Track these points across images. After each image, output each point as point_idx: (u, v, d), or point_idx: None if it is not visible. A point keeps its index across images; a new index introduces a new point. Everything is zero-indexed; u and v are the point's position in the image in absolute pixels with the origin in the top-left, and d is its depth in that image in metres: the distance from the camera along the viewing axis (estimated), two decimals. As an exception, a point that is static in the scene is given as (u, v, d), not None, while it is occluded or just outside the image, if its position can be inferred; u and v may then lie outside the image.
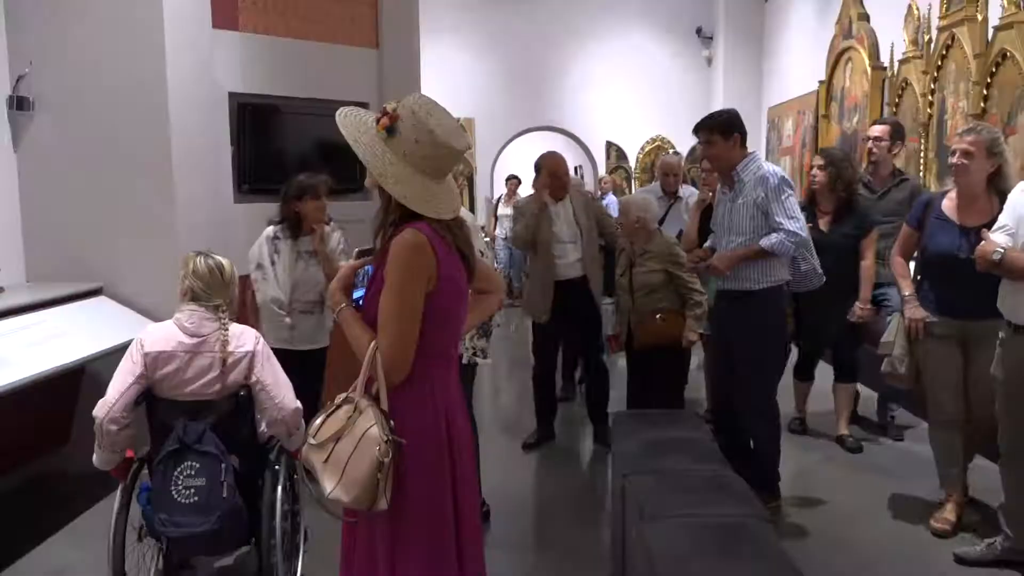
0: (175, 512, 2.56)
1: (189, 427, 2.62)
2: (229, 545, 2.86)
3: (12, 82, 4.27)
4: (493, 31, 11.09)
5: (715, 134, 3.64)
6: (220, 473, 2.57)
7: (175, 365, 2.66)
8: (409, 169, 1.86)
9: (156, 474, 2.63)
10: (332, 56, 5.08)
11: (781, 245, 3.52)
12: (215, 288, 2.74)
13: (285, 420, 2.75)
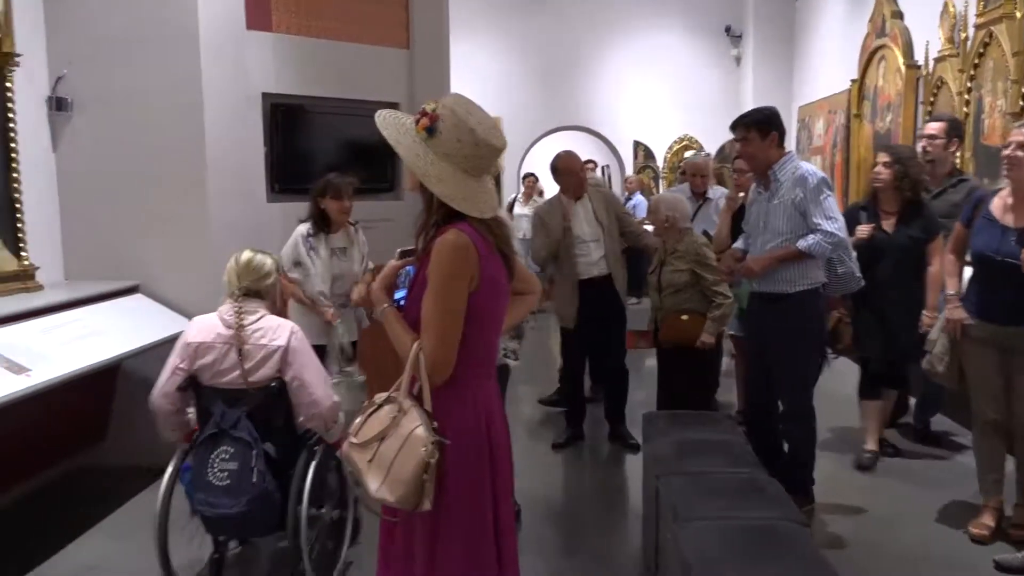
0: (210, 493, 2.72)
1: (226, 413, 2.76)
2: (260, 529, 2.95)
3: (51, 84, 4.33)
4: (521, 31, 11.09)
5: (751, 131, 3.55)
6: (251, 459, 2.71)
7: (213, 355, 2.80)
8: (450, 168, 1.87)
9: (196, 456, 2.80)
10: (363, 56, 5.12)
11: (818, 246, 3.45)
12: (246, 281, 2.86)
13: (322, 414, 2.83)
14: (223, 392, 2.80)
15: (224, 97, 4.45)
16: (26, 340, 3.39)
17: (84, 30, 4.33)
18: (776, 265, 3.53)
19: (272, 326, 2.83)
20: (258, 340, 2.79)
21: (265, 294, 2.92)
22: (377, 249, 4.65)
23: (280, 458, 2.82)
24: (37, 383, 3.15)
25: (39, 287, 4.06)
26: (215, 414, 2.78)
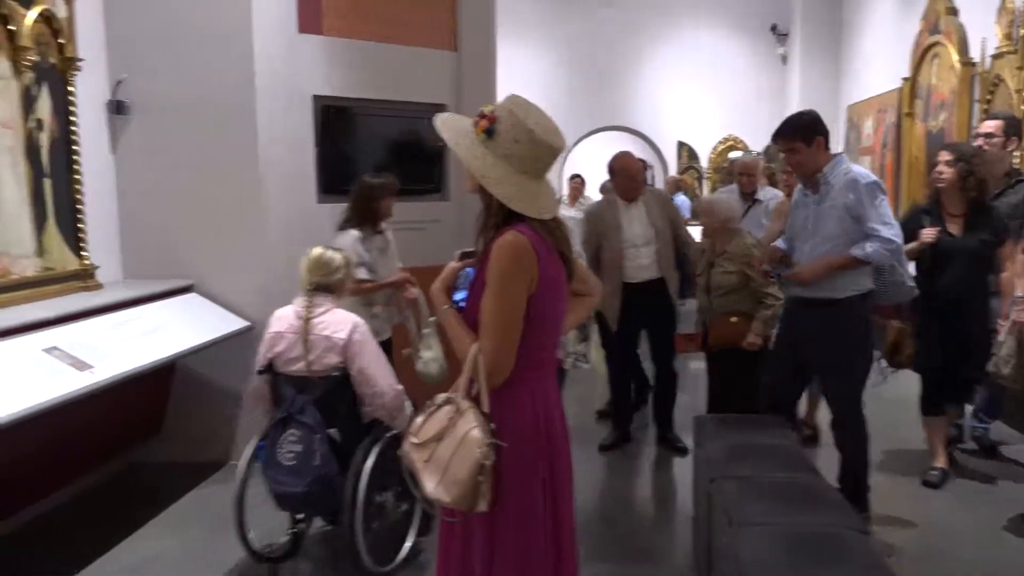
0: (278, 472, 2.99)
1: (295, 399, 3.01)
2: (322, 508, 3.17)
3: (111, 88, 4.45)
4: (564, 31, 11.07)
5: (797, 140, 3.39)
6: (315, 443, 2.94)
7: (285, 344, 3.05)
8: (510, 170, 1.88)
9: (269, 437, 3.06)
10: (412, 59, 5.15)
11: (877, 254, 3.31)
12: (315, 276, 3.07)
13: (385, 404, 3.03)
14: (293, 379, 3.05)
15: (276, 100, 4.52)
16: (87, 338, 3.48)
17: (142, 36, 4.43)
18: (830, 273, 3.40)
19: (336, 320, 3.03)
20: (321, 332, 3.00)
21: (334, 289, 3.11)
22: (423, 250, 4.71)
23: (344, 443, 3.04)
24: (99, 380, 3.23)
25: (99, 286, 4.17)
26: (286, 399, 3.04)
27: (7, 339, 3.14)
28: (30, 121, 3.79)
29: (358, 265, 4.00)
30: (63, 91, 4.02)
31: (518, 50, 10.26)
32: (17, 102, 3.70)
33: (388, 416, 3.06)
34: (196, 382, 4.57)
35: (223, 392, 4.55)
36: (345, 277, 3.17)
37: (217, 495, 4.14)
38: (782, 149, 3.52)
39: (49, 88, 3.92)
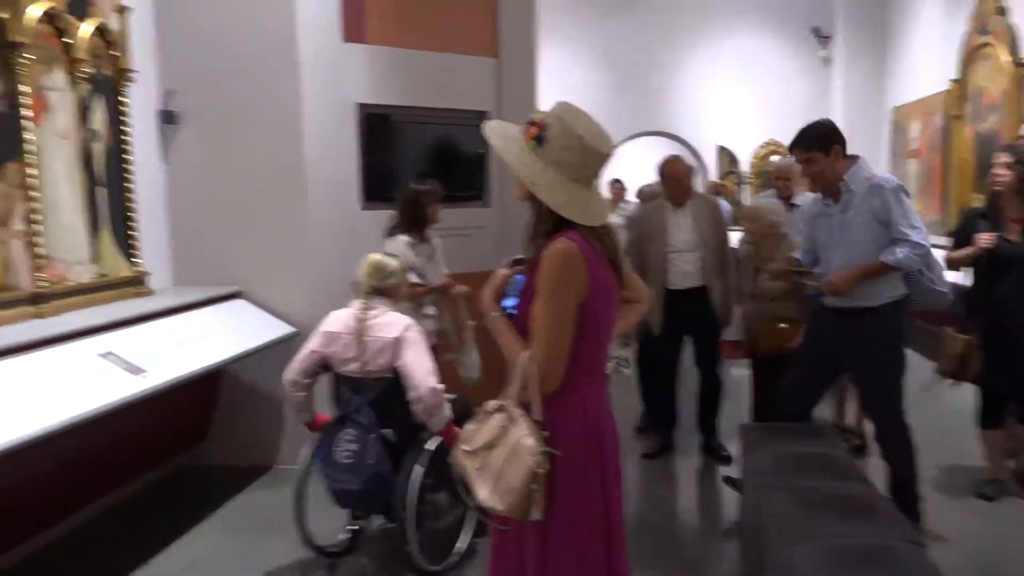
0: (335, 469, 3.12)
1: (351, 399, 3.16)
2: (376, 506, 3.30)
3: (162, 98, 4.54)
4: (602, 36, 11.05)
5: (814, 151, 3.34)
6: (369, 442, 3.07)
7: (340, 345, 3.16)
8: (560, 177, 1.87)
9: (327, 435, 3.18)
10: (454, 66, 5.18)
11: (908, 260, 3.27)
12: (372, 280, 3.21)
13: (422, 398, 3.06)
14: (349, 380, 3.18)
15: (321, 108, 4.58)
16: (140, 343, 3.55)
17: (191, 47, 4.52)
18: (861, 281, 3.34)
19: (390, 321, 3.14)
20: (375, 333, 3.12)
21: (390, 292, 3.23)
22: (466, 257, 4.73)
23: (398, 443, 3.15)
24: (153, 384, 3.29)
25: (150, 292, 4.26)
26: (343, 399, 3.19)
27: (65, 344, 3.21)
28: (85, 131, 3.89)
29: (408, 270, 4.08)
30: (116, 102, 4.11)
31: (557, 56, 10.26)
32: (73, 113, 3.80)
33: (426, 414, 3.10)
34: (242, 387, 4.64)
35: (269, 397, 4.61)
36: (400, 282, 3.31)
37: (264, 499, 4.21)
38: (799, 160, 3.48)
39: (103, 99, 4.01)
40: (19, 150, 3.41)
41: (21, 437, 2.61)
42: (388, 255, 3.33)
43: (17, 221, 3.41)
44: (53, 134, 3.65)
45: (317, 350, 3.21)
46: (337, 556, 3.47)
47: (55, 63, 3.68)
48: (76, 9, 3.78)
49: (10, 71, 3.37)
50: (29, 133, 3.44)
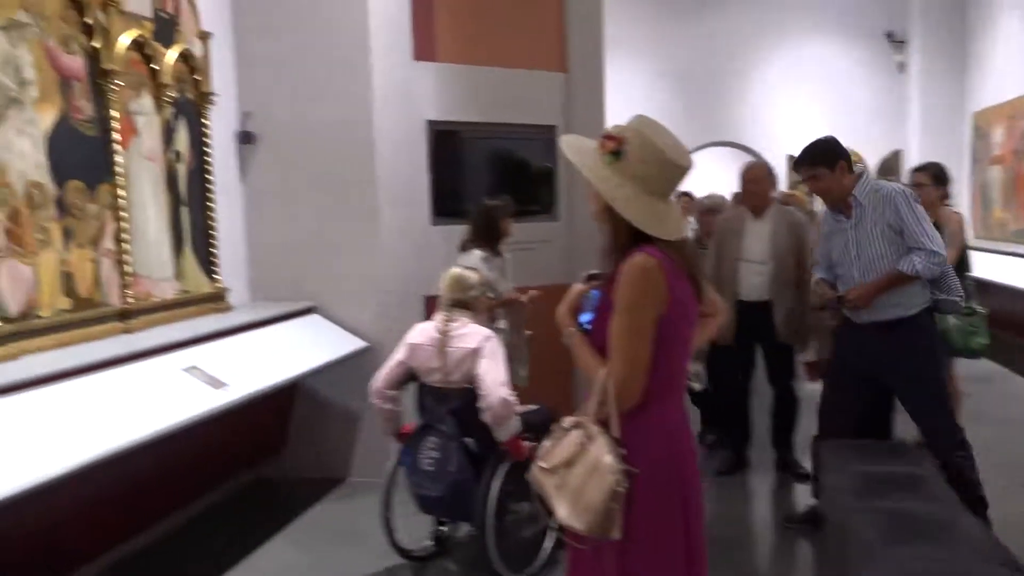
0: (419, 476, 3.26)
1: (435, 409, 3.27)
2: (458, 513, 3.40)
3: (240, 119, 4.69)
4: (668, 46, 10.98)
5: (819, 167, 3.42)
6: (451, 451, 3.18)
7: (424, 356, 3.28)
8: (638, 191, 1.86)
9: (411, 442, 3.32)
10: (522, 81, 5.21)
11: (926, 268, 3.28)
12: (453, 294, 3.32)
13: (492, 407, 3.12)
14: (432, 390, 3.29)
15: (392, 126, 4.66)
16: (220, 357, 3.66)
17: (268, 69, 4.66)
18: (880, 293, 3.35)
19: (469, 332, 3.23)
20: (456, 344, 3.22)
21: (470, 305, 3.33)
22: (533, 271, 4.74)
23: (480, 452, 3.23)
24: (233, 398, 3.39)
25: (229, 308, 4.39)
26: (427, 409, 3.31)
27: (151, 358, 3.33)
28: (170, 153, 4.04)
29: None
30: (198, 124, 4.27)
31: (622, 68, 10.22)
32: (159, 136, 3.95)
33: (494, 423, 3.15)
34: (317, 401, 4.73)
35: (342, 411, 4.70)
36: (481, 295, 3.39)
37: (339, 511, 4.28)
38: (805, 178, 3.52)
39: (186, 121, 4.17)
40: (110, 172, 3.57)
41: (111, 449, 2.72)
42: (469, 269, 3.45)
43: (107, 240, 3.56)
44: (140, 156, 3.81)
45: (402, 361, 3.34)
46: (422, 560, 3.57)
47: (142, 88, 3.84)
48: (162, 36, 3.94)
49: (102, 97, 3.53)
50: (118, 156, 3.60)
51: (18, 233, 3.10)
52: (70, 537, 3.21)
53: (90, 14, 3.43)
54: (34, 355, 3.07)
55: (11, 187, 3.08)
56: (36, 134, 3.20)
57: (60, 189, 3.31)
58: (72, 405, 2.83)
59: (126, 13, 3.67)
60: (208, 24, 4.29)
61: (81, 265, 3.41)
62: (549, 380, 4.62)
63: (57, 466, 2.51)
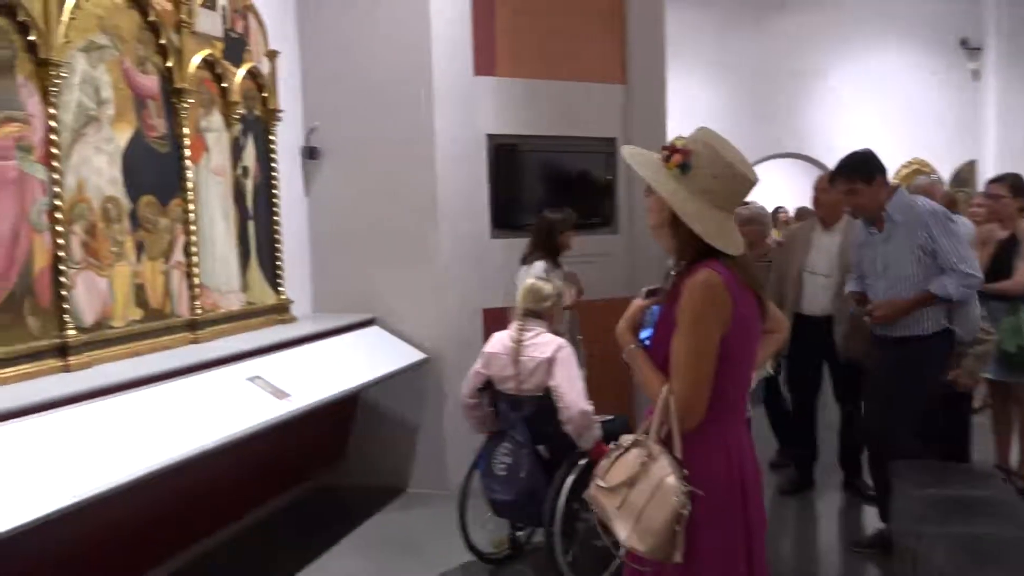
0: (492, 480, 3.37)
1: (509, 416, 3.38)
2: (528, 517, 3.48)
3: (305, 135, 4.80)
4: (731, 56, 10.81)
5: (857, 182, 3.34)
6: (522, 457, 3.27)
7: (499, 365, 3.37)
8: (706, 205, 1.83)
9: (487, 448, 3.46)
10: (582, 94, 5.20)
11: (959, 292, 3.22)
12: (527, 304, 3.40)
13: (572, 419, 3.19)
14: (507, 397, 3.39)
15: (453, 141, 4.70)
16: (284, 368, 3.72)
17: (332, 85, 4.76)
18: (908, 312, 3.31)
19: (543, 342, 3.30)
20: (530, 353, 3.29)
21: (545, 315, 3.40)
22: (593, 284, 4.71)
23: (552, 459, 3.30)
24: (296, 407, 3.45)
25: (293, 319, 4.47)
26: (502, 415, 3.42)
27: (217, 368, 3.41)
28: (238, 168, 4.15)
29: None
30: (265, 140, 4.38)
31: (683, 78, 10.11)
32: (227, 152, 4.07)
33: (575, 433, 3.22)
34: (377, 411, 4.78)
35: (401, 422, 4.74)
36: (555, 305, 3.45)
37: (397, 520, 4.31)
38: (842, 191, 3.44)
39: (253, 137, 4.28)
40: (181, 187, 3.69)
41: (180, 455, 2.79)
42: (543, 280, 3.53)
43: (178, 253, 3.67)
44: (209, 172, 3.93)
45: (480, 370, 3.46)
46: (496, 563, 3.66)
47: (212, 106, 3.96)
48: (231, 55, 4.06)
49: (174, 115, 3.65)
50: (189, 172, 3.72)
51: (94, 246, 3.23)
52: (137, 542, 3.29)
53: (165, 35, 3.56)
54: (107, 364, 3.18)
55: (88, 202, 3.21)
56: (112, 151, 3.33)
57: (134, 204, 3.43)
58: (143, 413, 2.92)
59: (198, 33, 3.79)
60: (275, 42, 4.41)
61: (152, 277, 3.53)
62: (609, 393, 4.57)
63: (127, 472, 2.59)
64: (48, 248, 3.01)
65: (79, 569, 2.97)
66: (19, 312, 2.90)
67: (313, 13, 4.78)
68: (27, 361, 2.90)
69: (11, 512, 2.22)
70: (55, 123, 3.02)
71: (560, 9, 5.12)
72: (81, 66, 3.18)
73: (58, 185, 3.03)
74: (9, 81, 2.88)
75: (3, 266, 2.84)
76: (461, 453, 4.68)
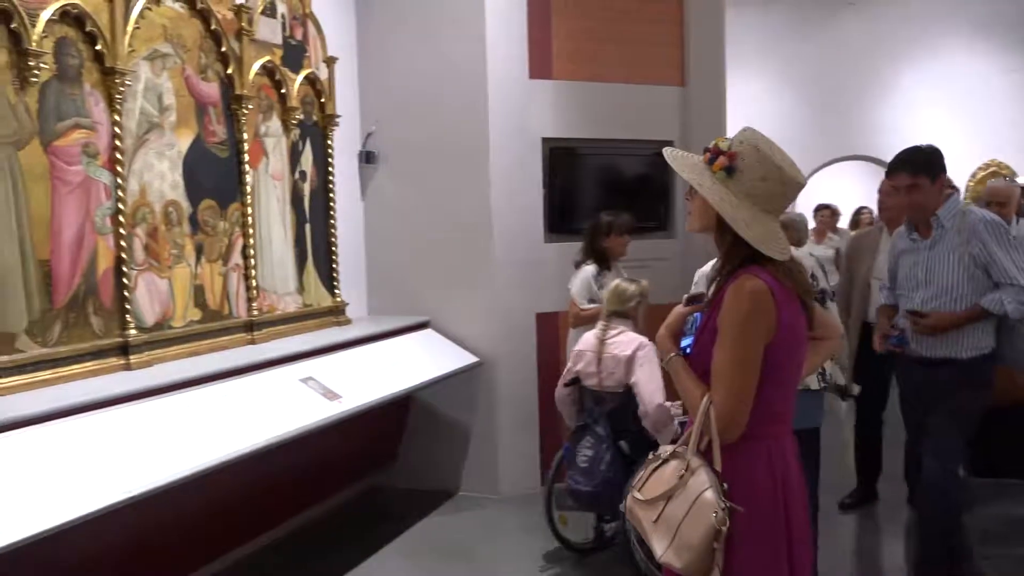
0: (575, 471, 3.50)
1: (593, 410, 3.53)
2: (607, 509, 3.61)
3: (362, 139, 4.86)
4: (798, 57, 10.55)
5: (921, 176, 3.00)
6: (603, 451, 3.40)
7: (585, 362, 3.53)
8: (754, 209, 1.78)
9: (572, 440, 3.59)
10: (638, 96, 5.13)
11: (1016, 308, 2.92)
12: (613, 304, 3.55)
13: (650, 414, 3.32)
14: (592, 393, 3.55)
15: (508, 145, 4.71)
16: (337, 369, 3.78)
17: (389, 90, 4.82)
18: (959, 326, 3.01)
19: (626, 340, 3.43)
20: (612, 351, 3.44)
21: (629, 314, 3.54)
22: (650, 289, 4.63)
23: (632, 454, 3.40)
24: (347, 409, 3.49)
25: (348, 321, 4.53)
26: (587, 410, 3.57)
27: (271, 369, 3.48)
28: (295, 173, 4.23)
29: (588, 300, 4.21)
30: (323, 144, 4.45)
31: (744, 79, 9.89)
32: (285, 156, 4.15)
33: (653, 430, 3.33)
34: (429, 414, 4.81)
35: (454, 425, 4.75)
36: (639, 305, 3.59)
37: (447, 524, 4.32)
38: (900, 185, 3.09)
39: (311, 142, 4.36)
40: (240, 192, 3.78)
41: (229, 455, 2.85)
42: (628, 281, 3.66)
43: (236, 255, 3.76)
44: (267, 176, 4.01)
45: (570, 367, 3.63)
46: (581, 552, 3.80)
47: (271, 112, 4.05)
48: (290, 62, 4.14)
49: (234, 121, 3.75)
50: (248, 176, 3.81)
51: (155, 249, 3.33)
52: (190, 539, 3.37)
53: (226, 43, 3.65)
54: (167, 363, 3.27)
55: (150, 206, 3.31)
56: (174, 156, 3.43)
57: (194, 207, 3.53)
58: (198, 412, 3.00)
59: (258, 41, 3.88)
60: (333, 48, 4.48)
61: (211, 279, 3.62)
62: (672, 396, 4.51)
63: (181, 469, 2.66)
64: (111, 250, 3.12)
65: (133, 563, 3.06)
66: (83, 312, 3.01)
67: (371, 18, 4.85)
68: (91, 359, 3.02)
69: (69, 505, 2.30)
70: (119, 129, 3.13)
71: (617, 10, 5.07)
72: (145, 74, 3.29)
73: (121, 189, 3.14)
74: (77, 89, 3.00)
75: (68, 267, 2.96)
76: (512, 458, 4.70)
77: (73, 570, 2.76)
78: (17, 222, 2.77)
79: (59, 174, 2.93)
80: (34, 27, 2.78)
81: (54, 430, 2.53)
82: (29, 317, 2.80)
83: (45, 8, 2.84)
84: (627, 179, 5.23)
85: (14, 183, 2.76)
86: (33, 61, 2.79)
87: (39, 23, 2.80)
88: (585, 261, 4.28)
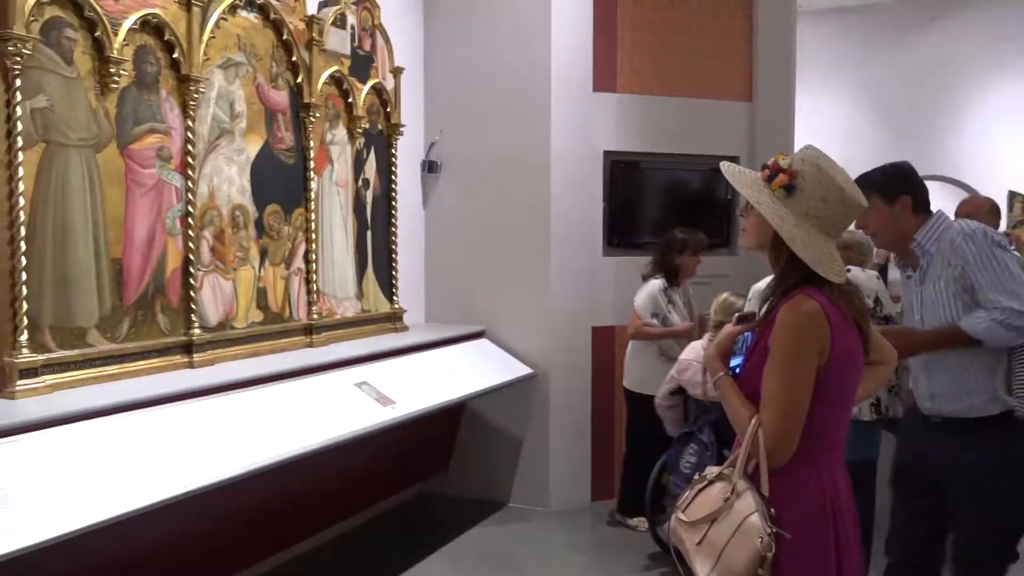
0: (678, 476, 3.60)
1: (697, 419, 3.63)
2: None
3: (425, 148, 4.93)
4: (872, 75, 10.27)
5: (873, 195, 2.41)
6: (706, 458, 3.45)
7: (691, 372, 3.62)
8: (813, 230, 1.74)
9: (676, 447, 3.68)
10: (704, 111, 5.08)
11: (988, 329, 2.33)
12: (719, 316, 3.58)
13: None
14: (697, 402, 3.65)
15: (569, 157, 4.71)
16: (392, 375, 3.82)
17: (453, 100, 4.88)
18: (926, 350, 2.46)
19: None
20: None
21: None
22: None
23: None
24: (399, 415, 3.53)
25: (405, 328, 4.58)
26: (691, 418, 3.67)
27: (327, 372, 3.55)
28: (359, 180, 4.31)
29: (652, 314, 4.26)
30: (387, 153, 4.53)
31: (815, 96, 9.69)
32: (349, 164, 4.24)
33: None
34: (482, 423, 4.83)
35: (506, 436, 4.76)
36: None
37: (496, 535, 4.32)
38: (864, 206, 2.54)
39: (375, 150, 4.44)
40: (304, 197, 3.87)
41: (287, 454, 2.91)
42: (736, 294, 3.69)
43: (298, 260, 3.85)
44: (331, 183, 4.10)
45: (674, 376, 3.71)
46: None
47: (338, 120, 4.14)
48: (358, 72, 4.23)
49: (301, 128, 3.84)
50: (312, 183, 3.90)
51: (221, 251, 3.43)
52: (239, 537, 3.43)
53: (296, 53, 3.75)
54: (228, 363, 3.37)
55: (218, 209, 3.42)
56: (242, 162, 3.54)
57: (260, 212, 3.63)
58: (256, 411, 3.07)
59: (327, 51, 3.97)
60: (400, 58, 4.55)
61: (274, 282, 3.71)
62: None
63: (239, 466, 2.73)
64: (180, 251, 3.23)
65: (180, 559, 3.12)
66: (151, 310, 3.12)
67: (437, 29, 4.92)
68: (156, 356, 3.12)
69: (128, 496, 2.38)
70: (192, 135, 3.25)
71: (683, 24, 5.04)
72: (218, 81, 3.40)
73: (192, 192, 3.25)
74: (154, 95, 3.12)
75: (139, 266, 3.07)
76: (564, 472, 4.68)
77: (126, 562, 2.85)
78: (93, 221, 2.89)
79: (134, 176, 3.05)
80: (116, 35, 2.91)
81: (119, 423, 2.62)
82: (100, 313, 2.92)
83: (127, 17, 2.97)
84: (689, 194, 5.18)
85: (91, 184, 2.89)
86: (114, 68, 2.91)
87: (121, 31, 2.93)
88: (654, 275, 4.31)
